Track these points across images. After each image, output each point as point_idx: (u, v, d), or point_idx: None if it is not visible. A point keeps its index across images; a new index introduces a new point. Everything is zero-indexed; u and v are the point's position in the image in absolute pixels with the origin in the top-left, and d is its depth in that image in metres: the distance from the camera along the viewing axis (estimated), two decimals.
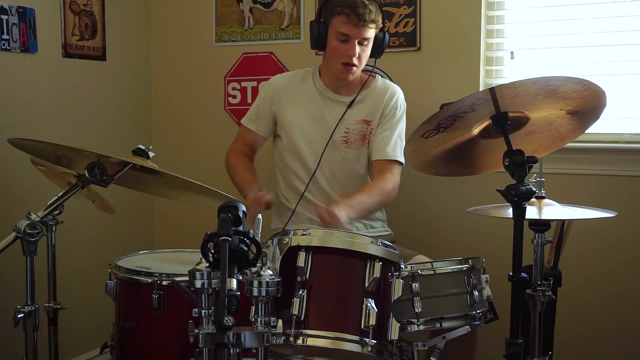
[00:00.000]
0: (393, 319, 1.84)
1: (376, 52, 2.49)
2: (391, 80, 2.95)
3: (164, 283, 2.04)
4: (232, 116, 3.34)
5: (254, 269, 1.59)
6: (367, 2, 2.38)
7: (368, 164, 2.58)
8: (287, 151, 2.58)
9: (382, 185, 2.47)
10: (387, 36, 2.49)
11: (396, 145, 2.53)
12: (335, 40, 2.42)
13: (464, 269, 2.03)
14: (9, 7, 2.73)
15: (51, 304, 2.23)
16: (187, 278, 1.60)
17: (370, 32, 2.41)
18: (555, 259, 2.30)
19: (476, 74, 2.85)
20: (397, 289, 1.86)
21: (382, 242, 1.86)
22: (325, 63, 2.55)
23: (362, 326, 1.77)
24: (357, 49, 2.41)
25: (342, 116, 2.51)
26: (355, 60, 2.42)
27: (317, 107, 2.55)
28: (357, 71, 2.48)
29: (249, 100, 3.28)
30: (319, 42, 2.47)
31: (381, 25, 2.45)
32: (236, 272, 1.44)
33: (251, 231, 1.52)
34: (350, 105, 2.52)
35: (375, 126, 2.55)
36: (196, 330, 1.49)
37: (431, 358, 2.08)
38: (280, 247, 1.85)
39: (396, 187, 2.51)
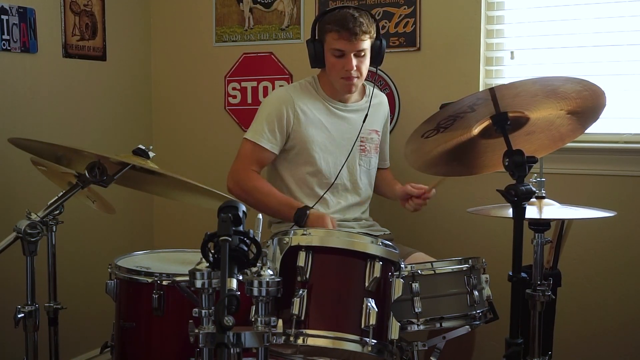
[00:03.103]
0: (393, 318, 1.84)
1: (375, 61, 2.51)
2: (391, 81, 2.98)
3: (164, 283, 2.04)
4: (232, 116, 3.34)
5: (254, 269, 1.59)
6: (357, 15, 2.39)
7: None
8: (301, 162, 2.53)
9: None
10: (384, 43, 2.52)
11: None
12: (332, 57, 2.44)
13: (464, 269, 2.03)
14: (9, 7, 2.73)
15: (51, 304, 2.23)
16: (187, 278, 1.60)
17: (365, 44, 2.43)
18: (555, 258, 2.30)
19: (476, 74, 2.86)
20: (397, 289, 1.86)
21: (382, 242, 1.86)
22: (325, 76, 2.55)
23: (362, 326, 1.77)
24: (354, 61, 2.42)
25: (361, 128, 2.55)
26: (354, 73, 2.45)
27: (330, 119, 2.55)
28: (358, 82, 2.51)
29: (249, 101, 3.29)
30: (317, 60, 2.49)
31: (375, 34, 2.46)
32: (236, 272, 1.44)
33: (251, 231, 1.52)
34: (366, 117, 2.55)
35: (381, 135, 2.69)
36: (196, 330, 1.49)
37: (431, 358, 2.08)
38: (281, 247, 1.85)
39: None
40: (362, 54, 2.44)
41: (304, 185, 2.53)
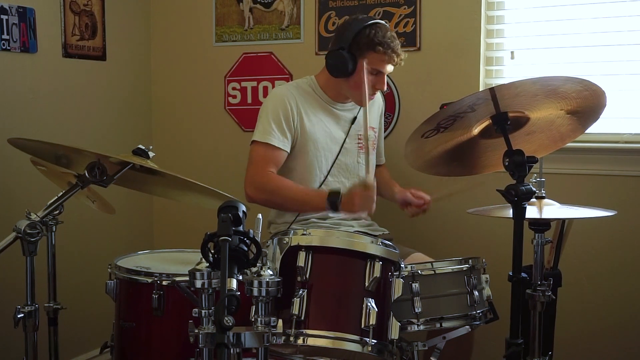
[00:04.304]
0: (393, 318, 1.84)
1: None
2: (391, 81, 2.97)
3: (164, 283, 2.04)
4: (232, 116, 3.34)
5: (254, 269, 1.59)
6: (395, 36, 2.43)
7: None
8: (302, 161, 2.51)
9: None
10: None
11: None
12: (367, 74, 2.39)
13: (464, 269, 2.03)
14: (9, 7, 2.73)
15: (51, 304, 2.23)
16: (187, 278, 1.60)
17: None
18: (555, 258, 2.30)
19: (476, 74, 2.85)
20: (397, 289, 1.86)
21: (382, 242, 1.86)
22: (332, 81, 2.51)
23: (362, 326, 1.77)
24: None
25: (352, 125, 2.56)
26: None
27: (329, 118, 2.55)
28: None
29: (249, 100, 3.28)
30: (349, 72, 2.42)
31: None
32: (236, 272, 1.44)
33: (251, 231, 1.52)
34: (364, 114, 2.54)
35: (377, 132, 2.69)
36: (196, 330, 1.50)
37: (431, 358, 2.08)
38: (281, 247, 1.85)
39: None
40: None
41: (303, 184, 2.52)
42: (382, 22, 2.47)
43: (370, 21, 2.44)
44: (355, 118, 2.57)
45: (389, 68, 2.44)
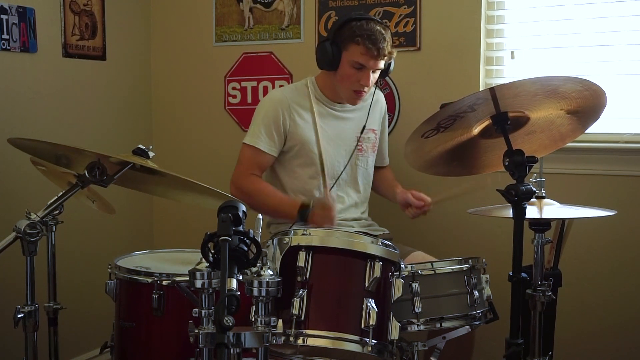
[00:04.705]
0: (393, 318, 1.84)
1: (381, 75, 2.50)
2: (391, 80, 2.97)
3: (164, 283, 2.04)
4: (232, 116, 3.34)
5: (254, 269, 1.59)
6: (384, 33, 2.39)
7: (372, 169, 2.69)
8: (299, 164, 2.53)
9: None
10: (392, 62, 2.50)
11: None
12: (350, 68, 2.41)
13: (464, 269, 2.03)
14: (9, 7, 2.73)
15: (51, 304, 2.23)
16: (187, 278, 1.60)
17: (384, 63, 2.44)
18: (555, 258, 2.30)
19: (476, 74, 2.85)
20: (397, 289, 1.86)
21: (382, 242, 1.86)
22: (328, 79, 2.52)
23: (363, 326, 1.77)
24: (371, 77, 2.43)
25: (362, 129, 2.57)
26: (365, 88, 2.46)
27: (327, 120, 2.55)
28: (365, 95, 2.51)
29: (249, 100, 3.28)
30: (331, 64, 2.43)
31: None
32: (236, 272, 1.44)
33: (251, 231, 1.52)
34: (367, 118, 2.57)
35: (378, 134, 2.68)
36: (196, 330, 1.50)
37: (431, 358, 2.08)
38: (281, 247, 1.85)
39: None
40: (378, 70, 2.44)
41: (303, 188, 2.52)
42: (375, 18, 2.46)
43: (359, 16, 2.43)
44: (360, 126, 2.57)
45: (374, 63, 2.39)
